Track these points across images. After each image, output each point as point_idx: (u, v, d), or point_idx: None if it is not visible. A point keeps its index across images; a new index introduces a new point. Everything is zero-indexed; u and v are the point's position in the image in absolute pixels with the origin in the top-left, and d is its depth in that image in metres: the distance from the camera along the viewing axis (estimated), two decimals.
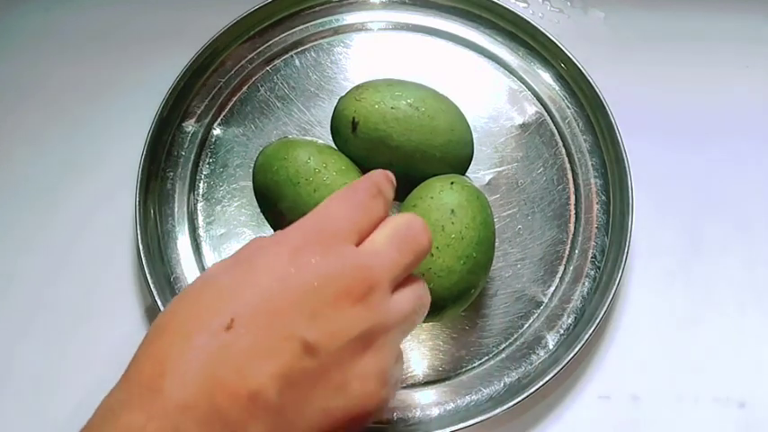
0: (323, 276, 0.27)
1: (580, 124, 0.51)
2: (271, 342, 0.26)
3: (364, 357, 0.28)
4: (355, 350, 0.27)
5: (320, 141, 0.43)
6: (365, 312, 0.28)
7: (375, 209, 0.31)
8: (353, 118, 0.42)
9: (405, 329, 0.30)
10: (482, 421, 0.41)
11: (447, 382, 0.44)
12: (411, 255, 0.30)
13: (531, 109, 0.51)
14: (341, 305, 0.27)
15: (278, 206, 0.41)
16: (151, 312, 0.46)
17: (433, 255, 0.38)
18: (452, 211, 0.39)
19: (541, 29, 0.51)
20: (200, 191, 0.49)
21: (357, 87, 0.43)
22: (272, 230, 0.44)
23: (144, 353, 0.27)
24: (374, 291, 0.28)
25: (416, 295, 0.31)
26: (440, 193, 0.40)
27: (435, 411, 0.43)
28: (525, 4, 0.57)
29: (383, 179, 0.32)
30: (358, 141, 0.42)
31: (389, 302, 0.29)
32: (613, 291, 0.44)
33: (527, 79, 0.52)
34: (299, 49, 0.53)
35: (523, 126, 0.51)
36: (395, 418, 0.43)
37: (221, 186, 0.49)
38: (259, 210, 0.48)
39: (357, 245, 0.29)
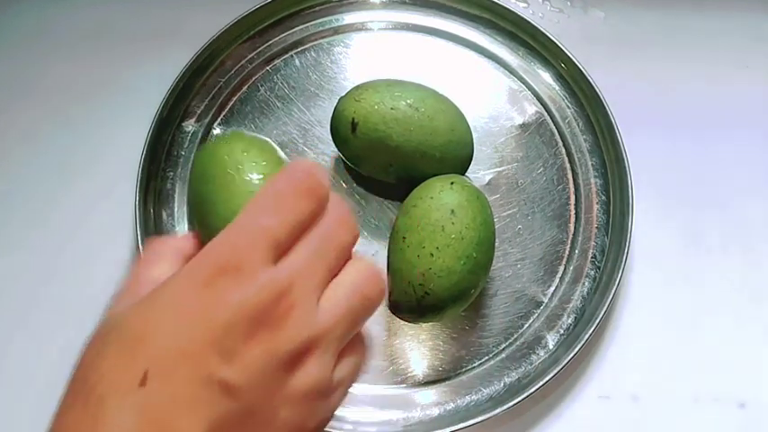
0: (235, 307, 0.24)
1: (580, 124, 0.51)
2: (189, 390, 0.24)
3: (292, 380, 0.25)
4: (280, 377, 0.25)
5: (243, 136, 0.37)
6: (286, 334, 0.25)
7: (300, 210, 0.26)
8: (353, 118, 0.42)
9: (345, 330, 0.27)
10: (482, 421, 0.41)
11: (447, 382, 0.44)
12: (333, 256, 0.27)
13: (531, 109, 0.51)
14: (259, 335, 0.24)
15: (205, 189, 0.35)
16: None
17: (433, 255, 0.38)
18: (452, 211, 0.39)
19: (541, 29, 0.51)
20: None
21: (357, 88, 0.43)
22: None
23: (59, 426, 0.25)
24: (294, 308, 0.25)
25: (350, 290, 0.27)
26: (440, 194, 0.40)
27: (435, 411, 0.43)
28: (525, 4, 0.57)
29: (307, 172, 0.27)
30: (357, 142, 0.42)
31: (316, 313, 0.26)
32: (613, 291, 0.44)
33: (527, 79, 0.52)
34: (298, 49, 0.53)
35: (523, 126, 0.51)
36: (396, 418, 0.43)
37: None
38: None
39: (280, 256, 0.26)
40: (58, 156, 0.51)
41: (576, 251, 0.47)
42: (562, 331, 0.45)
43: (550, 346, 0.45)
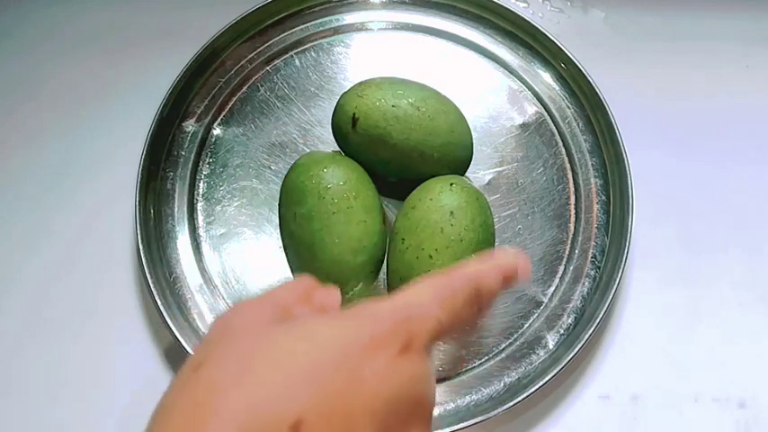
0: (401, 387, 0.24)
1: (580, 124, 0.51)
2: None
3: None
4: None
5: (360, 170, 0.42)
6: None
7: (464, 317, 0.28)
8: (354, 114, 0.42)
9: None
10: (482, 421, 0.41)
11: (447, 382, 0.44)
12: None
13: (531, 109, 0.51)
14: (412, 423, 0.25)
15: (293, 209, 0.41)
16: (151, 312, 0.46)
17: (432, 257, 0.38)
18: (452, 213, 0.39)
19: (541, 29, 0.51)
20: (200, 191, 0.49)
21: (360, 84, 0.44)
22: (275, 231, 0.44)
23: None
24: (431, 412, 0.26)
25: None
26: (439, 195, 0.40)
27: (435, 411, 0.43)
28: (525, 4, 0.57)
29: (488, 279, 0.28)
30: (357, 137, 0.42)
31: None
32: (613, 291, 0.44)
33: (527, 79, 0.52)
34: (298, 49, 0.53)
35: (523, 126, 0.51)
36: None
37: (221, 186, 0.49)
38: (259, 210, 0.48)
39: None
40: (57, 156, 0.51)
41: (576, 251, 0.47)
42: (562, 331, 0.45)
43: (550, 346, 0.45)
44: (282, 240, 0.42)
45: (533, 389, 0.41)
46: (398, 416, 0.24)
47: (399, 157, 0.42)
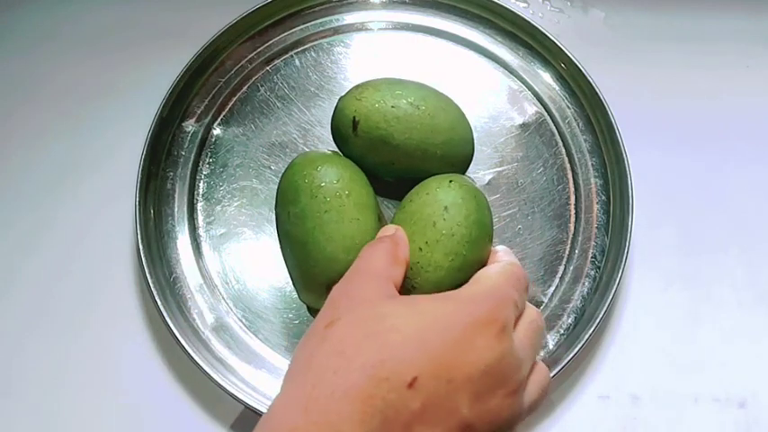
0: (495, 361, 0.30)
1: (580, 124, 0.51)
2: (438, 413, 0.28)
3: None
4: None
5: (354, 168, 0.43)
6: (513, 404, 0.31)
7: (525, 298, 0.35)
8: (354, 117, 0.42)
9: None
10: None
11: None
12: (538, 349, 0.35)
13: (531, 109, 0.51)
14: (497, 393, 0.30)
15: (288, 208, 0.41)
16: (151, 312, 0.46)
17: (422, 249, 0.38)
18: (446, 207, 0.39)
19: (541, 29, 0.51)
20: (200, 191, 0.49)
21: (357, 86, 0.43)
22: (275, 231, 0.44)
23: (318, 381, 0.28)
24: (522, 387, 0.31)
25: (542, 387, 0.34)
26: (436, 190, 0.40)
27: None
28: (525, 4, 0.57)
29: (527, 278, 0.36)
30: (358, 140, 0.42)
31: (526, 393, 0.32)
32: (613, 291, 0.44)
33: (527, 79, 0.52)
34: (299, 49, 0.53)
35: (523, 126, 0.51)
36: None
37: (221, 186, 0.49)
38: (259, 210, 0.48)
39: None
40: (57, 155, 0.51)
41: (576, 251, 0.47)
42: (562, 331, 0.45)
43: (550, 346, 0.45)
44: (279, 240, 0.43)
45: None
46: (488, 385, 0.29)
47: (402, 157, 0.42)
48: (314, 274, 0.40)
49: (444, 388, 0.28)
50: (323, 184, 0.40)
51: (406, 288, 0.38)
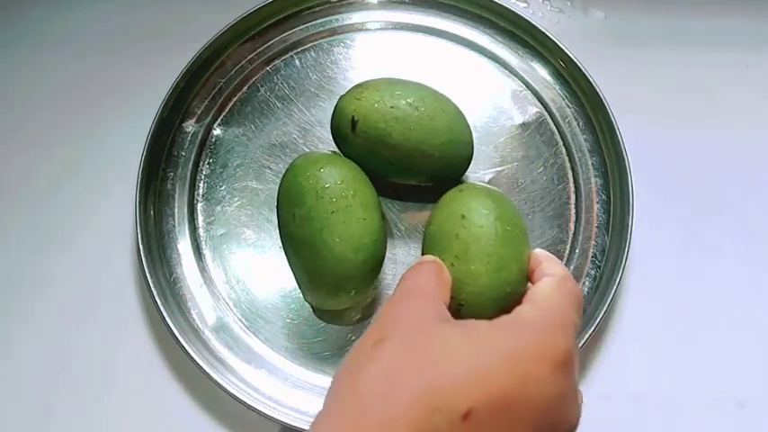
0: (558, 398, 0.28)
1: (580, 124, 0.51)
2: None
3: None
4: None
5: (356, 168, 0.42)
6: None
7: (580, 324, 0.33)
8: (353, 116, 0.42)
9: None
10: None
11: None
12: None
13: (532, 109, 0.51)
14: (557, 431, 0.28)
15: (292, 210, 0.41)
16: (151, 312, 0.46)
17: (454, 265, 0.36)
18: (463, 216, 0.37)
19: (541, 28, 0.51)
20: (200, 191, 0.49)
21: (357, 86, 0.43)
22: (275, 231, 0.44)
23: (365, 406, 0.26)
24: (579, 420, 0.30)
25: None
26: (450, 203, 0.39)
27: None
28: (525, 4, 0.57)
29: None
30: (357, 140, 0.42)
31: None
32: (613, 291, 0.44)
33: (527, 79, 0.52)
34: (298, 49, 0.53)
35: (524, 126, 0.51)
36: None
37: (221, 186, 0.49)
38: (259, 210, 0.48)
39: None
40: (58, 156, 0.51)
41: (576, 251, 0.47)
42: None
43: None
44: (282, 241, 0.42)
45: None
46: (549, 424, 0.27)
47: (400, 157, 0.42)
48: (322, 275, 0.40)
49: (502, 424, 0.26)
50: (327, 185, 0.40)
51: (454, 309, 0.36)
